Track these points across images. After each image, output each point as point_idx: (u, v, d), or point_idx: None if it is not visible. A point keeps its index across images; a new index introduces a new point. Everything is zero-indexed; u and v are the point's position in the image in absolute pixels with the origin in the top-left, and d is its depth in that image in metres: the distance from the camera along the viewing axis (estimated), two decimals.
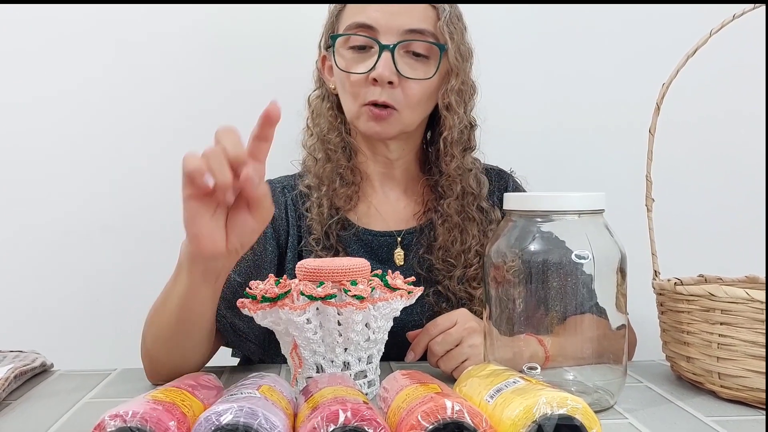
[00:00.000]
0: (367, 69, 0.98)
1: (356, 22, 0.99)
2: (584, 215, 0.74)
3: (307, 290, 0.74)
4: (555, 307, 0.75)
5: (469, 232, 1.05)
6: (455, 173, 1.05)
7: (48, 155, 1.36)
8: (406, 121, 1.01)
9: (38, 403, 0.79)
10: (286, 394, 0.65)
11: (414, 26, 0.98)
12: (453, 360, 0.86)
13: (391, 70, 0.97)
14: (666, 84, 0.84)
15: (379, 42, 0.98)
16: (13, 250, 1.36)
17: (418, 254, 1.06)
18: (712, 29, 0.81)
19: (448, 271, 1.04)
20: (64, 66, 1.35)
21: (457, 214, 1.05)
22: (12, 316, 1.35)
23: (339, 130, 1.06)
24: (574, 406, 0.55)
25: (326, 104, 1.08)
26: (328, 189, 1.04)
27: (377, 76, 0.97)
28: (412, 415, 0.55)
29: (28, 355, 0.93)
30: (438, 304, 1.03)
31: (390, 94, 0.98)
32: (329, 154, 1.05)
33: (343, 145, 1.06)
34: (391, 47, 0.97)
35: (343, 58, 1.01)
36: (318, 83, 1.11)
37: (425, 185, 1.10)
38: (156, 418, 0.54)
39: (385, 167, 1.09)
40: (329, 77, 1.07)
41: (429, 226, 1.07)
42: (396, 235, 1.06)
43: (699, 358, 0.78)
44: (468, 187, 1.06)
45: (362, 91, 0.99)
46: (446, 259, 1.04)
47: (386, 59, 0.97)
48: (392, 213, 1.09)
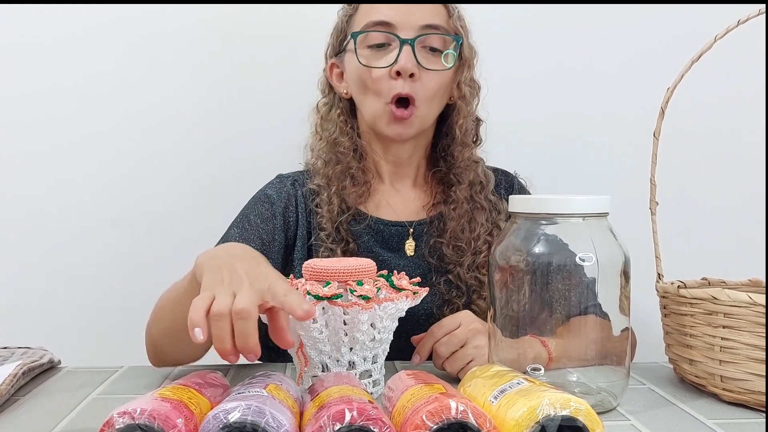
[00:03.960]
0: (389, 63, 1.01)
1: (373, 21, 1.03)
2: (589, 218, 0.75)
3: (314, 290, 0.75)
4: (558, 309, 0.75)
5: (478, 220, 1.08)
6: (468, 162, 1.09)
7: (59, 151, 1.37)
8: (424, 117, 1.05)
9: (46, 399, 0.80)
10: (293, 393, 0.65)
11: (429, 21, 1.02)
12: (458, 361, 0.87)
13: (412, 62, 1.00)
14: (671, 88, 0.85)
15: (399, 36, 1.01)
16: (21, 247, 1.37)
17: (428, 244, 1.08)
18: (717, 35, 0.81)
19: (459, 259, 1.06)
20: (73, 60, 1.36)
21: (467, 202, 1.08)
22: (20, 313, 1.36)
23: (350, 134, 1.08)
24: (577, 408, 0.56)
25: (336, 111, 1.10)
26: (338, 188, 1.06)
27: (400, 69, 1.00)
28: (417, 414, 0.55)
29: (35, 351, 0.94)
30: (449, 292, 1.06)
31: (412, 87, 1.01)
32: (340, 157, 1.07)
33: (354, 148, 1.08)
34: (411, 41, 1.00)
35: (364, 56, 1.03)
36: (325, 91, 1.13)
37: (434, 178, 1.13)
38: (164, 415, 0.55)
39: (395, 166, 1.11)
40: (339, 83, 1.10)
41: (439, 218, 1.09)
42: (408, 225, 1.08)
43: (701, 360, 0.79)
44: (477, 177, 1.10)
45: (385, 87, 1.02)
46: (457, 246, 1.06)
47: (407, 52, 1.00)
48: (402, 205, 1.11)
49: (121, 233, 1.38)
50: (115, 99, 1.37)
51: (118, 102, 1.38)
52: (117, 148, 1.38)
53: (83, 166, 1.38)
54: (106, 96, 1.37)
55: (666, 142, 0.89)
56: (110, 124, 1.38)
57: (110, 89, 1.37)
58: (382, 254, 1.07)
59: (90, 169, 1.38)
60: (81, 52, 1.36)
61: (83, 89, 1.37)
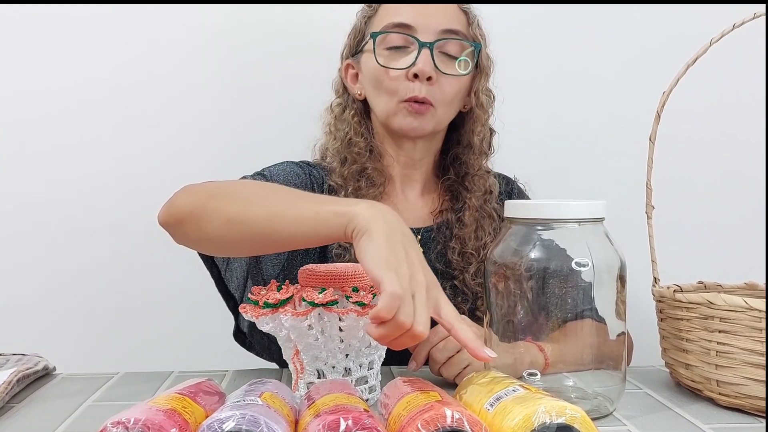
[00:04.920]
0: (407, 65, 1.01)
1: (393, 22, 1.03)
2: (585, 223, 0.75)
3: (309, 296, 0.74)
4: (555, 314, 0.75)
5: (485, 228, 1.09)
6: (482, 171, 1.10)
7: (56, 152, 1.37)
8: (440, 117, 1.05)
9: (41, 406, 0.80)
10: (288, 401, 0.65)
11: (449, 26, 1.03)
12: (455, 366, 0.86)
13: (430, 66, 1.01)
14: (666, 92, 0.85)
15: (418, 39, 1.01)
16: (16, 252, 1.37)
17: (436, 250, 1.08)
18: (713, 38, 0.81)
19: (465, 266, 1.07)
20: (73, 60, 1.36)
21: (477, 210, 1.09)
22: (14, 319, 1.35)
23: (364, 135, 1.09)
24: (572, 415, 0.56)
25: (350, 111, 1.10)
26: (354, 188, 1.06)
27: (418, 72, 1.00)
28: (413, 423, 0.55)
29: (30, 358, 0.94)
30: (454, 298, 1.06)
31: (428, 90, 1.02)
32: (355, 157, 1.07)
33: (369, 148, 1.08)
34: (430, 44, 1.01)
35: (382, 56, 1.04)
36: (339, 91, 1.13)
37: (442, 186, 1.14)
38: (158, 425, 0.55)
39: (406, 168, 1.11)
40: (353, 84, 1.10)
41: (445, 225, 1.10)
42: (415, 232, 1.08)
43: (697, 365, 0.79)
44: (488, 186, 1.11)
45: (401, 88, 1.02)
46: (464, 252, 1.07)
47: (426, 55, 1.01)
48: (411, 212, 1.11)
49: (119, 238, 1.38)
50: (115, 99, 1.38)
51: (118, 102, 1.38)
52: (116, 151, 1.38)
53: (80, 168, 1.38)
54: (106, 95, 1.37)
55: (662, 146, 0.89)
56: (110, 124, 1.38)
57: (110, 89, 1.37)
58: None
59: (88, 172, 1.38)
60: (82, 52, 1.36)
61: (83, 88, 1.37)
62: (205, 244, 0.85)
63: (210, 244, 0.85)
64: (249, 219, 0.76)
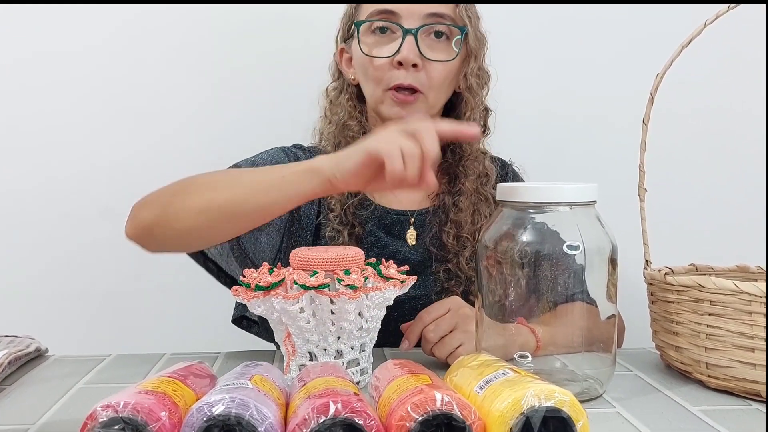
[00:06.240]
0: (391, 53, 1.00)
1: (378, 9, 1.02)
2: (576, 207, 0.75)
3: (301, 279, 0.74)
4: (546, 297, 0.76)
5: (481, 212, 1.09)
6: (476, 153, 1.09)
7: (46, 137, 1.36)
8: (431, 102, 1.04)
9: (32, 388, 0.80)
10: (279, 384, 0.65)
11: (434, 10, 1.01)
12: (447, 346, 0.87)
13: (415, 53, 0.99)
14: (660, 75, 0.84)
15: (402, 26, 1.00)
16: (8, 236, 1.36)
17: (430, 233, 1.08)
18: (707, 20, 0.80)
19: (459, 249, 1.06)
20: (64, 49, 1.35)
21: (473, 194, 1.08)
22: (6, 301, 1.35)
23: (358, 119, 1.08)
24: (561, 399, 0.56)
25: (345, 95, 1.10)
26: None
27: (402, 59, 0.99)
28: (402, 406, 0.55)
29: (22, 340, 0.94)
30: (448, 280, 1.06)
31: (415, 77, 1.01)
32: (349, 141, 1.06)
33: (363, 132, 1.07)
34: (414, 31, 0.99)
35: (366, 44, 1.03)
36: (335, 75, 1.12)
37: (439, 169, 1.12)
38: (147, 408, 0.55)
39: None
40: (347, 69, 1.10)
41: (441, 207, 1.10)
42: (409, 215, 1.08)
43: (687, 347, 0.79)
44: (484, 169, 1.10)
45: (386, 75, 1.01)
46: (459, 236, 1.07)
47: (410, 42, 0.99)
48: (406, 193, 1.11)
49: (109, 221, 1.37)
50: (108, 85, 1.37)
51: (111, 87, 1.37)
52: (107, 135, 1.37)
53: (72, 152, 1.37)
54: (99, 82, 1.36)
55: (655, 129, 0.88)
56: (102, 110, 1.37)
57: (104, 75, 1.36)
58: (386, 240, 1.07)
59: (80, 156, 1.37)
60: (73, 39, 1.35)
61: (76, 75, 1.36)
62: (183, 241, 0.87)
63: (187, 240, 0.86)
64: (219, 203, 0.80)
